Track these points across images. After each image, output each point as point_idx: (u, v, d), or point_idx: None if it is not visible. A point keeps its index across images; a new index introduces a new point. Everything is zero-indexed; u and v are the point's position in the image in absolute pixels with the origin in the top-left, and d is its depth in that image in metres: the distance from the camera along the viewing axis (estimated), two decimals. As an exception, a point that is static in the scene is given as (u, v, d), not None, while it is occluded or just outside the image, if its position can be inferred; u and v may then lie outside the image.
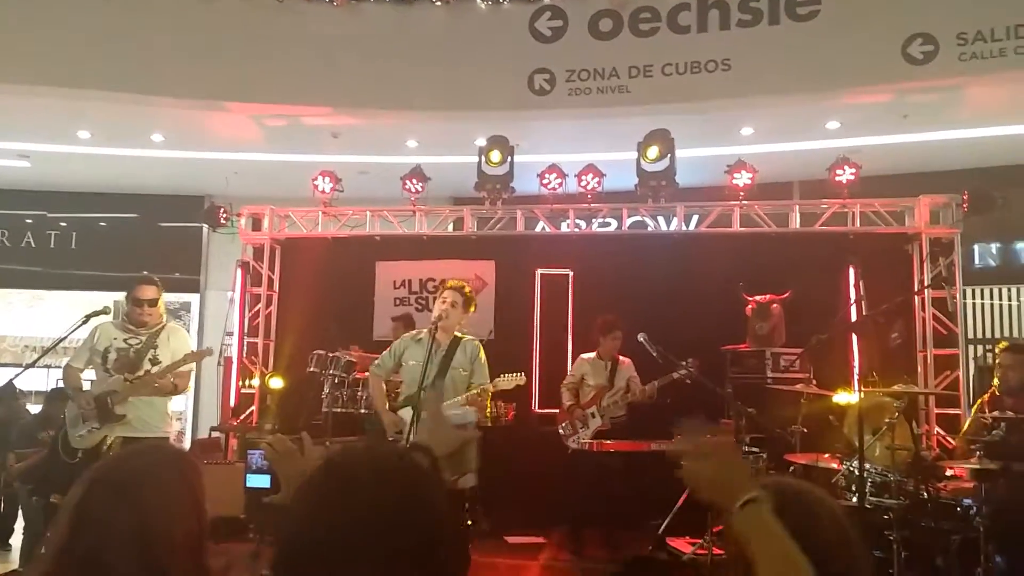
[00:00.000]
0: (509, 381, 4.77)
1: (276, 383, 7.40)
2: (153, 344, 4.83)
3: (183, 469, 1.63)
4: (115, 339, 4.86)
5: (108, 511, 1.49)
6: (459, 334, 4.80)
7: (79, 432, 4.69)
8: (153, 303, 4.86)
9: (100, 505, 1.50)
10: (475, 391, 4.64)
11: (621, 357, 6.21)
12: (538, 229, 7.95)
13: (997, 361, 4.83)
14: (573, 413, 6.13)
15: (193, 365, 4.97)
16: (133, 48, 8.22)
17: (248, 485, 5.89)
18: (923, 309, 7.08)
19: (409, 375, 4.72)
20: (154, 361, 4.78)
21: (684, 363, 5.64)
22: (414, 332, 5.02)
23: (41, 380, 8.92)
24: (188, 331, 11.03)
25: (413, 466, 1.21)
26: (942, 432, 6.78)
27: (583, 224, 7.96)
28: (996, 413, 4.66)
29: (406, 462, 1.22)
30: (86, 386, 5.00)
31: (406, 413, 4.59)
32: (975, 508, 4.41)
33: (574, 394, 6.26)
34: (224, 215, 8.17)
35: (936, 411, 6.94)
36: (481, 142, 7.80)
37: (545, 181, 7.58)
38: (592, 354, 6.31)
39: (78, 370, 4.97)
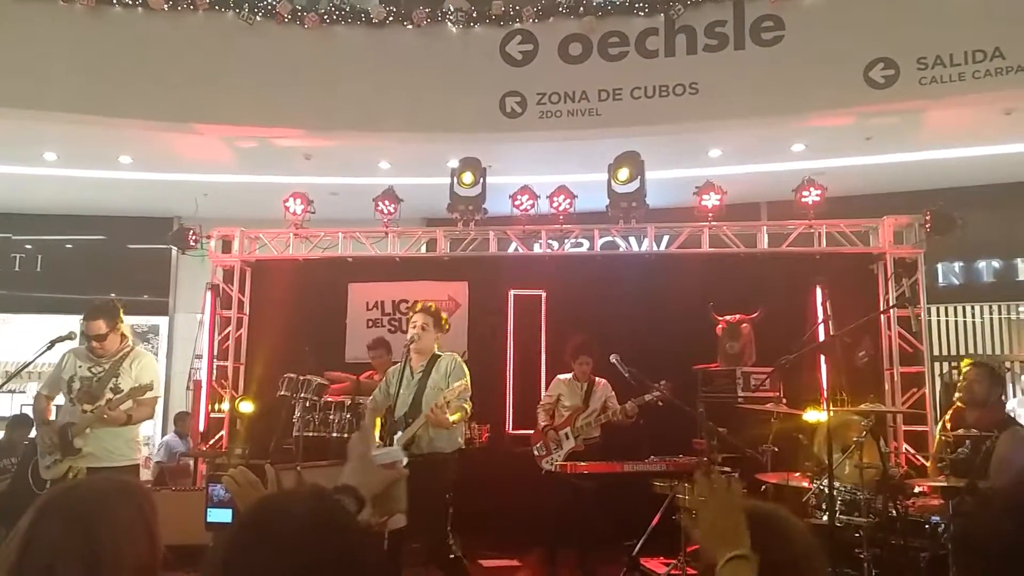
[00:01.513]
0: (453, 391, 4.63)
1: (246, 407, 7.30)
2: (115, 372, 4.73)
3: (135, 497, 1.63)
4: (80, 367, 4.77)
5: (58, 536, 1.50)
6: (438, 352, 4.83)
7: (46, 463, 4.63)
8: (102, 338, 4.70)
9: (51, 530, 1.51)
10: (433, 406, 4.55)
11: (597, 378, 6.21)
12: (511, 250, 7.98)
13: (962, 375, 4.91)
14: (547, 435, 6.12)
15: (152, 395, 4.83)
16: (100, 69, 8.16)
17: (208, 520, 5.79)
18: (889, 328, 7.19)
19: (399, 404, 4.78)
20: (115, 390, 4.67)
21: (656, 385, 5.68)
22: (398, 364, 4.99)
23: (5, 406, 8.72)
24: (156, 354, 10.89)
25: (341, 515, 1.21)
26: (910, 449, 6.88)
27: (555, 245, 8.00)
28: (961, 431, 4.74)
29: (335, 512, 1.21)
30: (54, 415, 4.91)
31: (397, 440, 4.63)
32: (943, 525, 4.48)
33: (549, 415, 6.25)
34: (194, 237, 8.08)
35: (904, 428, 7.04)
36: (453, 164, 7.84)
37: (517, 202, 7.62)
38: (569, 375, 6.32)
39: (48, 398, 4.88)
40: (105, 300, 4.96)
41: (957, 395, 4.98)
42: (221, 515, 1.92)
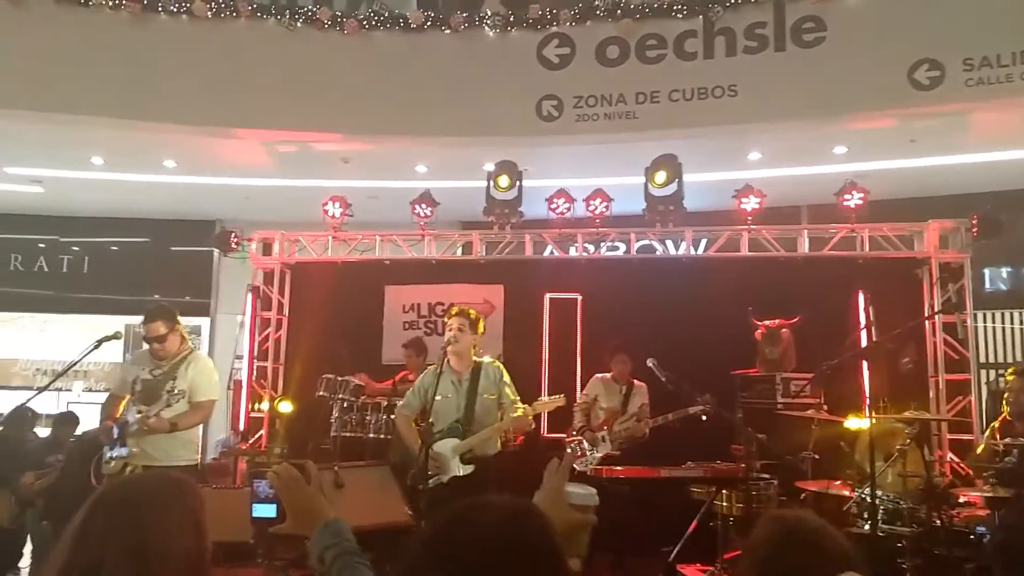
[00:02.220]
0: (550, 403, 4.94)
1: (285, 407, 7.40)
2: (172, 375, 4.81)
3: (184, 493, 1.67)
4: (143, 369, 4.88)
5: (108, 529, 1.53)
6: (477, 359, 4.89)
7: (106, 458, 4.74)
8: (162, 339, 4.81)
9: (101, 524, 1.55)
10: (519, 413, 4.80)
11: (636, 381, 6.16)
12: (546, 253, 7.98)
13: (1007, 386, 4.80)
14: (583, 434, 6.07)
15: (207, 399, 4.92)
16: (146, 75, 8.34)
17: (253, 515, 5.84)
18: (934, 334, 7.04)
19: (439, 410, 4.80)
20: (172, 393, 4.74)
21: (700, 398, 5.58)
22: (433, 367, 5.05)
23: (52, 404, 8.95)
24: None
25: (535, 535, 1.18)
26: (955, 458, 6.72)
27: (591, 248, 7.98)
28: (1008, 440, 4.62)
29: (529, 532, 1.18)
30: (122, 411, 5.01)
31: (443, 447, 4.69)
32: (988, 535, 4.36)
33: (586, 415, 6.20)
34: (235, 240, 8.23)
35: (949, 437, 6.88)
36: (490, 167, 7.86)
37: (553, 206, 7.61)
38: (607, 375, 6.27)
39: (117, 398, 4.99)
40: (160, 303, 5.08)
41: (1005, 407, 4.87)
42: (266, 510, 1.95)
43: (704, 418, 5.63)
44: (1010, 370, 5.17)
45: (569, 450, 6.13)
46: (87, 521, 1.55)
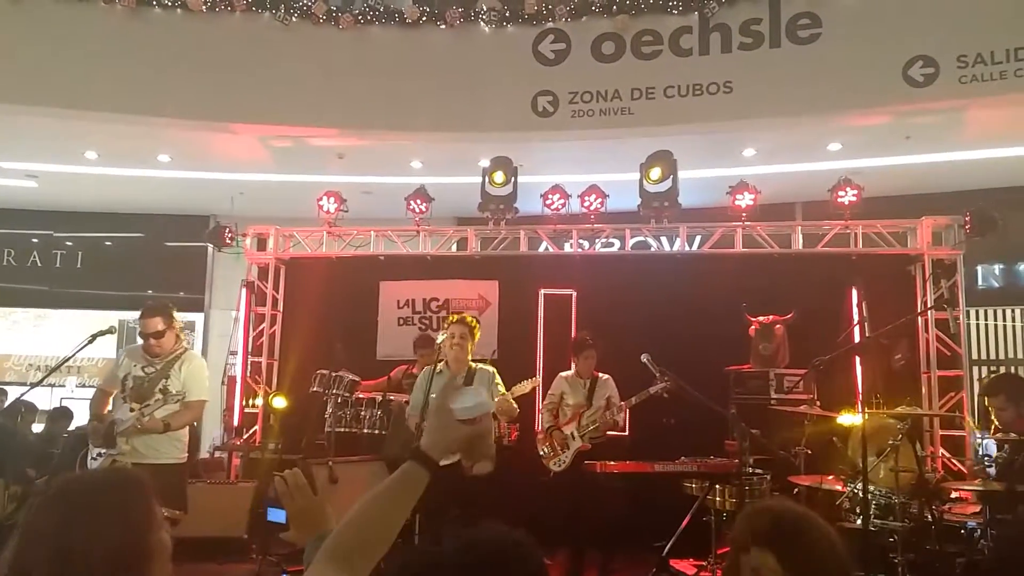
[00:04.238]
0: (524, 386, 5.04)
1: (279, 402, 7.40)
2: (165, 374, 4.77)
3: (124, 489, 1.63)
4: (134, 366, 4.83)
5: (36, 525, 1.53)
6: (472, 364, 5.00)
7: (92, 455, 4.72)
8: (159, 335, 4.76)
9: (34, 520, 1.55)
10: (498, 400, 5.01)
11: (600, 374, 6.11)
12: (541, 249, 7.99)
13: (987, 406, 4.78)
14: (553, 435, 6.06)
15: (198, 399, 4.88)
16: (140, 70, 8.32)
17: (269, 519, 5.91)
18: (926, 330, 7.07)
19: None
20: (164, 391, 4.70)
21: (659, 376, 5.57)
22: (431, 367, 5.17)
23: (46, 399, 8.94)
24: (193, 350, 11.08)
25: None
26: (947, 454, 6.75)
27: (586, 244, 7.99)
28: (999, 435, 4.65)
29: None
30: (111, 407, 4.99)
31: None
32: (980, 530, 4.40)
33: (554, 415, 6.15)
34: (229, 235, 8.22)
35: (941, 433, 6.92)
36: (485, 163, 7.86)
37: (548, 202, 7.62)
38: (570, 372, 6.24)
39: (106, 393, 4.95)
40: (159, 299, 5.05)
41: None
42: (279, 515, 1.93)
43: (666, 395, 5.60)
44: (981, 389, 5.19)
45: (542, 453, 6.09)
46: (26, 522, 1.55)
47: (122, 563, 1.53)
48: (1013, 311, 9.78)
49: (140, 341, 4.87)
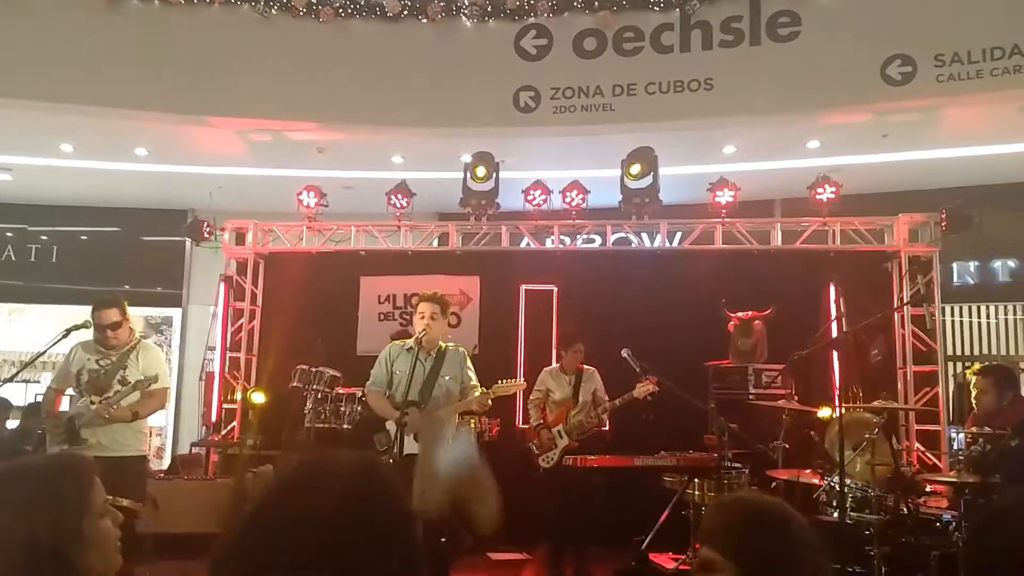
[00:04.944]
0: (507, 387, 4.90)
1: (258, 398, 7.35)
2: (123, 364, 4.76)
3: (60, 475, 1.61)
4: (88, 360, 4.80)
5: None
6: (443, 344, 4.87)
7: (52, 452, 4.66)
8: (116, 326, 4.76)
9: None
10: (478, 394, 4.77)
11: (585, 367, 6.14)
12: (523, 245, 7.98)
13: (973, 385, 4.86)
14: (541, 433, 6.07)
15: (160, 386, 4.86)
16: (116, 61, 8.20)
17: None
18: (903, 326, 7.15)
19: (398, 386, 4.76)
20: (123, 382, 4.69)
21: (645, 378, 5.59)
22: (401, 341, 5.04)
23: (20, 395, 8.81)
24: (170, 345, 10.98)
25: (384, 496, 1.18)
26: (922, 448, 6.84)
27: (567, 240, 8.00)
28: (975, 429, 4.71)
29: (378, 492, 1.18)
30: (65, 406, 4.94)
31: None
32: (955, 523, 4.45)
33: (541, 412, 6.17)
34: (208, 229, 8.14)
35: (916, 427, 7.01)
36: (466, 158, 7.84)
37: (530, 197, 7.62)
38: (555, 367, 6.25)
39: (58, 391, 4.92)
40: (113, 291, 5.01)
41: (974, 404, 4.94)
42: None
43: (649, 398, 5.64)
44: (971, 369, 5.26)
45: (532, 449, 6.08)
46: None
47: (49, 548, 1.51)
48: (988, 308, 9.92)
49: (92, 334, 4.83)
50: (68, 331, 4.77)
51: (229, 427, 7.77)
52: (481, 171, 7.60)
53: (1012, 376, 4.67)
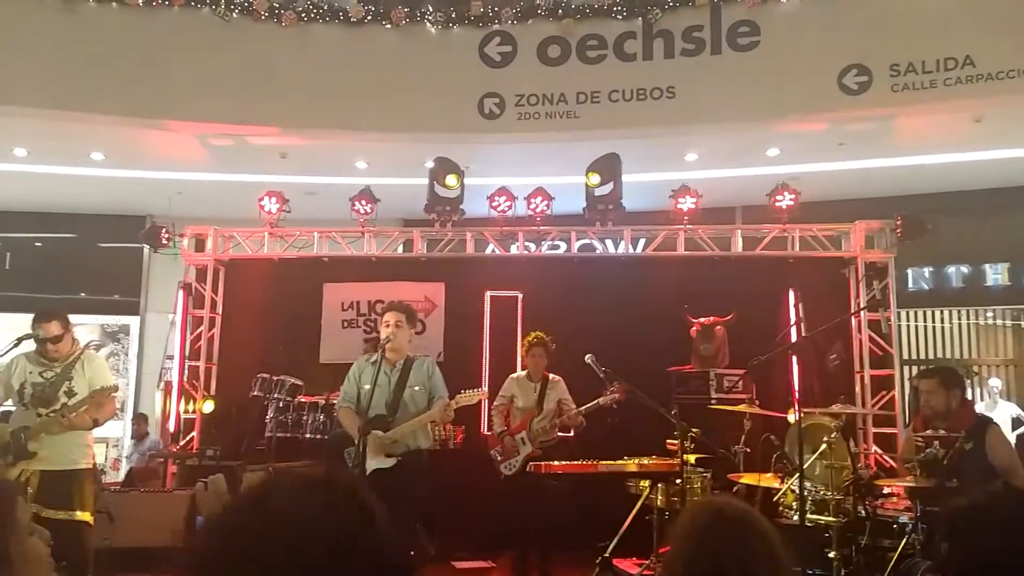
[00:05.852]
0: (470, 397, 4.88)
1: (208, 407, 7.23)
2: (68, 376, 4.66)
3: None
4: (30, 373, 4.68)
5: None
6: (411, 354, 4.84)
7: None
8: (57, 339, 4.66)
9: None
10: (438, 408, 4.74)
11: (551, 375, 6.13)
12: (488, 251, 7.98)
13: (920, 388, 4.88)
14: (504, 440, 6.05)
15: (111, 397, 4.77)
16: (72, 64, 8.04)
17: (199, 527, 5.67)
18: (859, 331, 7.29)
19: (365, 400, 4.71)
20: (69, 393, 4.61)
21: (612, 387, 5.62)
22: (368, 355, 5.01)
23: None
24: (128, 354, 10.76)
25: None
26: (879, 451, 6.96)
27: (532, 247, 8.01)
28: (929, 432, 4.79)
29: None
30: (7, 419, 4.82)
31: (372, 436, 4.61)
32: (911, 525, 4.53)
33: (504, 418, 6.15)
34: (166, 235, 7.99)
35: (873, 430, 7.13)
36: (431, 164, 7.82)
37: (495, 204, 7.62)
38: (522, 373, 6.25)
39: None
40: (53, 303, 4.91)
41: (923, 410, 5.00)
42: None
43: (615, 407, 5.67)
44: (916, 374, 5.34)
45: (494, 455, 6.06)
46: None
47: None
48: (942, 312, 10.16)
49: (32, 347, 4.72)
50: (19, 340, 4.66)
51: (188, 437, 7.62)
52: (452, 180, 7.56)
53: (956, 375, 4.73)
